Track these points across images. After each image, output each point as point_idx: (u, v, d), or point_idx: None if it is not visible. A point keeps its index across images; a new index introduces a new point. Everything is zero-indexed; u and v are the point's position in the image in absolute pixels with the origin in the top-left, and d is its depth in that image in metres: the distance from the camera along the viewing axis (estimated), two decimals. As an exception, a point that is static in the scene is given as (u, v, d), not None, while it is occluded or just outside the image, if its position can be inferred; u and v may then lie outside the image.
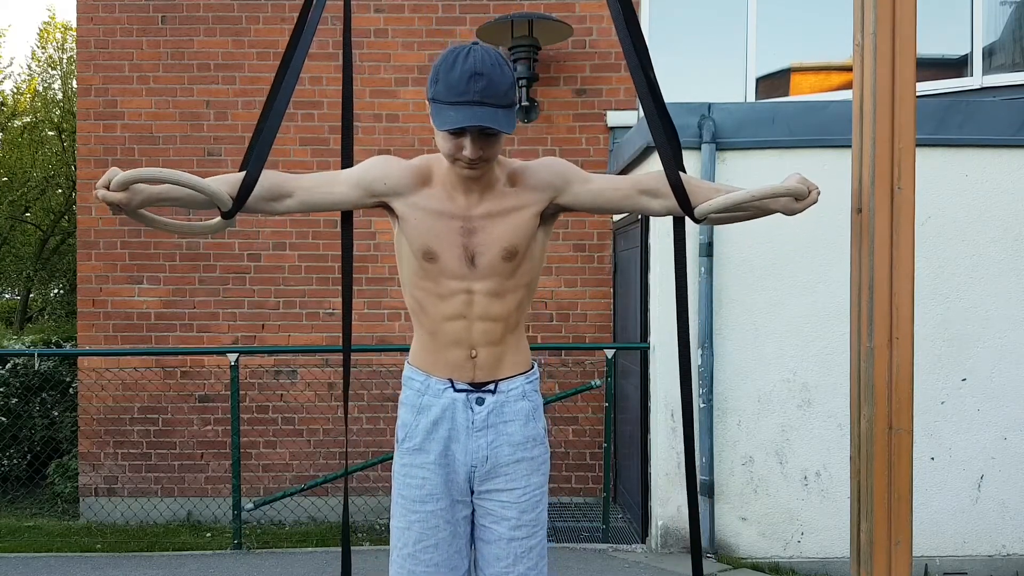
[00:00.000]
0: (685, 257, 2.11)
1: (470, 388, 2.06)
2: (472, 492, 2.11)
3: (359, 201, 2.04)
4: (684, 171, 2.10)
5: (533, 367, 2.18)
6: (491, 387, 2.07)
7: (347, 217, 2.14)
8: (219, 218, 2.00)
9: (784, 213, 2.01)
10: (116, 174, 1.84)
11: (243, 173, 1.99)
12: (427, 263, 2.01)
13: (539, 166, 2.09)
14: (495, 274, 2.02)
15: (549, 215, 2.09)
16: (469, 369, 2.06)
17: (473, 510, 2.13)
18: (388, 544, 2.15)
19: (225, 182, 1.97)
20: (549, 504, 2.21)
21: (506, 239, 2.01)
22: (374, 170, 2.03)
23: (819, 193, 1.95)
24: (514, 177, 2.05)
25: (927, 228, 4.42)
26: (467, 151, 1.88)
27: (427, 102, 1.92)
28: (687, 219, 2.07)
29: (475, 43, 1.90)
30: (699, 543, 2.15)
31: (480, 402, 2.06)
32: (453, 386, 2.06)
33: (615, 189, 2.11)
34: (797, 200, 1.95)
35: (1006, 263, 4.52)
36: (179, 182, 1.88)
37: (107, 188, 1.87)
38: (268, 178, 2.00)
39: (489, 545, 2.11)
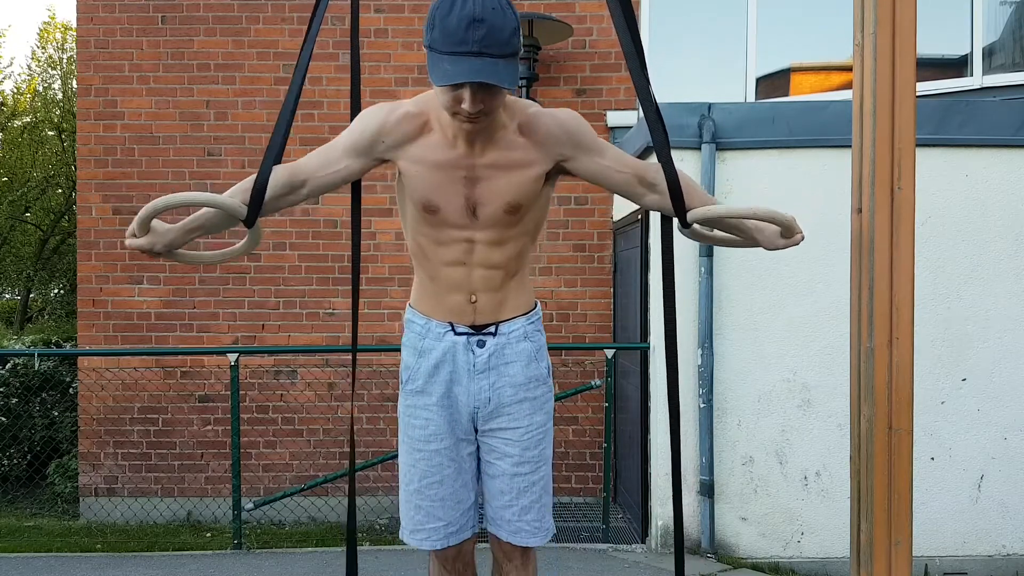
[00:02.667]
0: (673, 255, 2.09)
1: (470, 331, 2.05)
2: (476, 431, 2.12)
3: (365, 167, 1.99)
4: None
5: (535, 307, 2.15)
6: (492, 329, 2.06)
7: (356, 201, 2.10)
8: (247, 238, 1.96)
9: (766, 246, 2.02)
10: (132, 225, 1.88)
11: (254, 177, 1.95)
12: (428, 214, 1.97)
13: (554, 124, 1.96)
14: (497, 225, 1.98)
15: (554, 173, 2.04)
16: (469, 313, 2.04)
17: (478, 446, 2.15)
18: (389, 544, 2.16)
19: (240, 191, 1.94)
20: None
21: (510, 194, 1.95)
22: (369, 131, 1.94)
23: (803, 239, 1.99)
24: (526, 127, 1.94)
25: (927, 228, 4.42)
26: (466, 104, 1.77)
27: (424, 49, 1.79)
28: (674, 222, 2.04)
29: None
30: (682, 542, 2.17)
31: (481, 344, 2.05)
32: (454, 329, 2.05)
33: (619, 171, 2.02)
34: (784, 236, 1.98)
35: (1006, 263, 4.51)
36: (192, 202, 1.87)
37: (135, 235, 1.89)
38: (278, 174, 1.95)
39: (494, 480, 2.13)
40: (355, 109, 2.07)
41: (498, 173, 1.92)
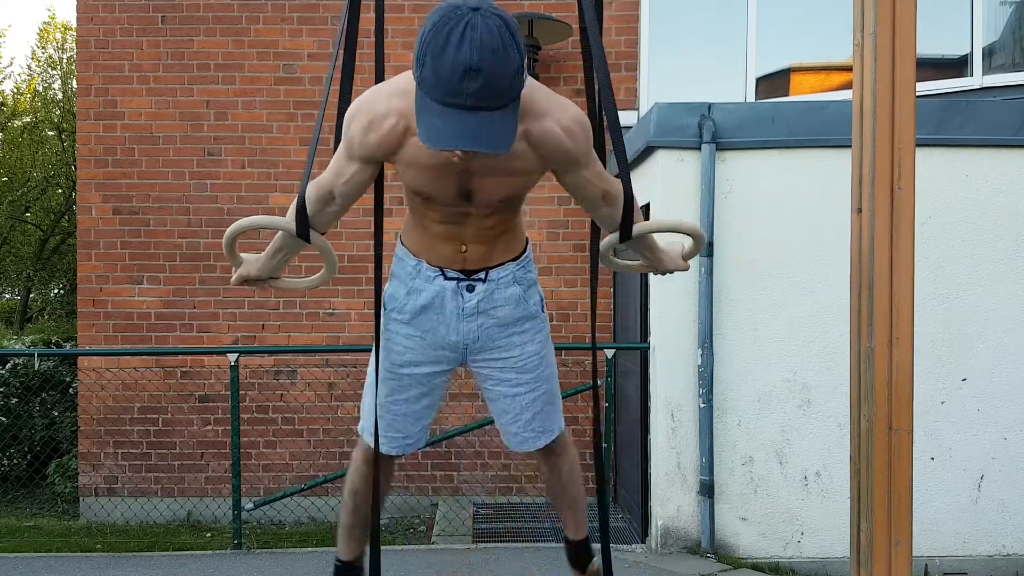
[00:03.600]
0: (598, 263, 2.17)
1: (460, 276, 2.05)
2: (464, 362, 2.17)
3: (371, 171, 1.93)
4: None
5: (526, 248, 2.15)
6: (481, 275, 2.06)
7: (379, 199, 2.08)
8: (325, 263, 2.04)
9: (660, 269, 2.11)
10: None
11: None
12: (422, 199, 1.97)
13: (561, 147, 1.81)
14: (490, 206, 1.96)
15: None
16: (459, 261, 2.05)
17: (475, 374, 2.21)
18: (389, 544, 2.17)
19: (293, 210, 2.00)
20: (549, 503, 2.26)
21: (507, 192, 1.93)
22: (356, 144, 1.86)
23: (687, 269, 2.13)
24: (534, 139, 1.77)
25: (927, 228, 4.41)
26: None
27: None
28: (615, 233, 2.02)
29: (477, 8, 1.51)
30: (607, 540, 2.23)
31: (470, 289, 2.06)
32: (443, 274, 2.05)
33: (593, 184, 1.94)
34: (685, 256, 2.09)
35: (1006, 263, 4.51)
36: (254, 225, 1.98)
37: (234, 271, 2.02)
38: (310, 190, 1.96)
39: (495, 403, 2.21)
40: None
41: (494, 172, 1.84)
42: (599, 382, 5.25)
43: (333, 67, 1.96)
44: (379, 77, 2.08)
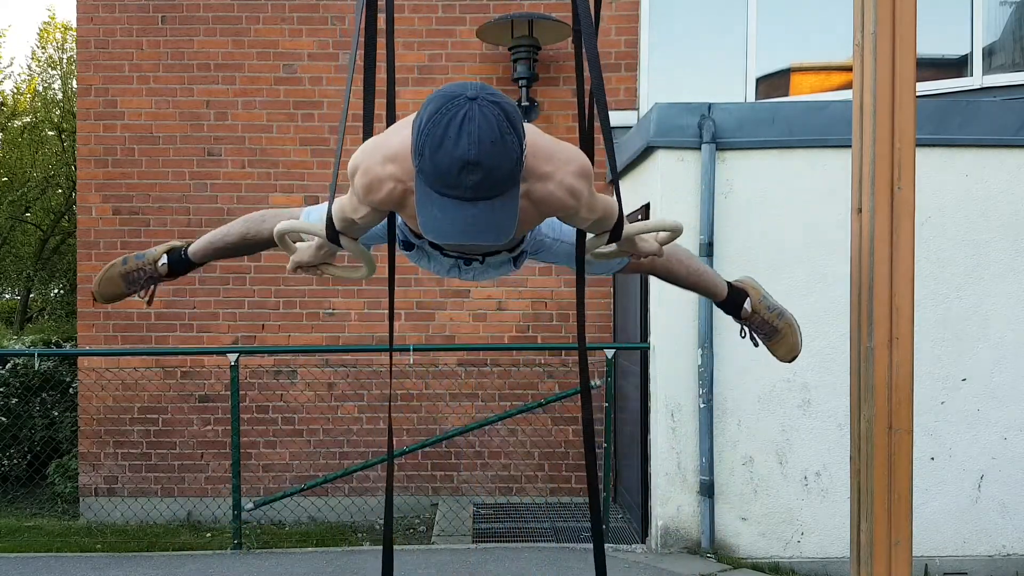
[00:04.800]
0: (584, 268, 2.07)
1: (460, 255, 2.09)
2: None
3: (387, 213, 1.92)
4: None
5: (523, 238, 2.09)
6: (479, 258, 2.10)
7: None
8: (363, 267, 2.05)
9: (635, 252, 1.97)
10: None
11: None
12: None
13: (564, 200, 1.71)
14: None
15: None
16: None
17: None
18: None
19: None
20: (549, 503, 2.24)
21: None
22: (372, 201, 1.77)
23: (660, 255, 1.99)
24: (537, 199, 1.70)
25: (927, 228, 4.42)
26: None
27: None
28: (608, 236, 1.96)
29: (475, 98, 1.46)
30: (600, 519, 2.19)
31: (467, 262, 2.10)
32: (442, 251, 2.08)
33: (585, 222, 1.86)
34: (660, 243, 1.97)
35: (1006, 263, 4.51)
36: (296, 229, 1.96)
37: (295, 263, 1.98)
38: (338, 210, 1.88)
39: (540, 244, 2.17)
40: (390, 116, 2.06)
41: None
42: (598, 382, 5.26)
43: (352, 70, 1.95)
44: (390, 81, 2.07)
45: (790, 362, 2.49)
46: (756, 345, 2.59)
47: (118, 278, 2.37)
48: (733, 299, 2.51)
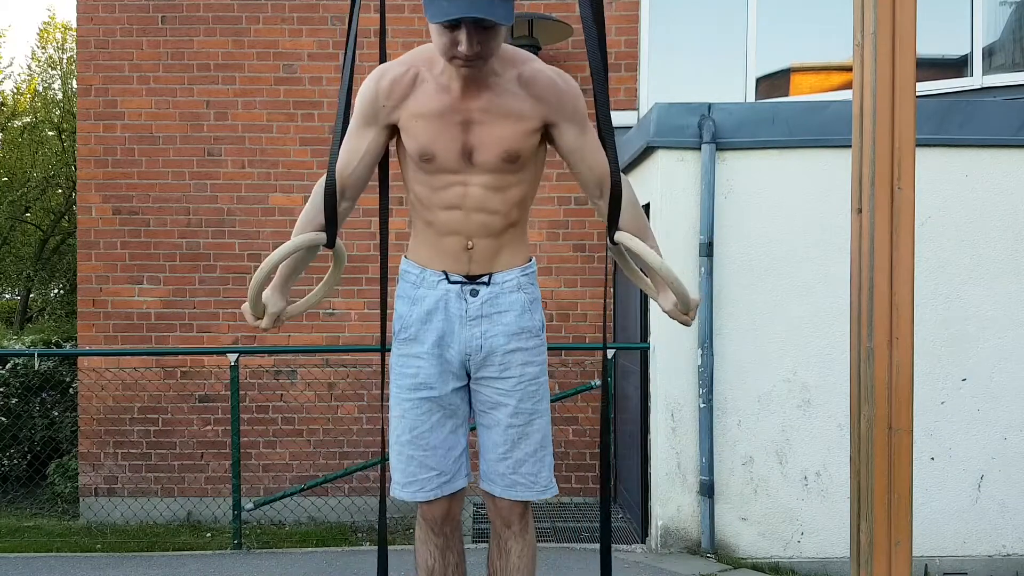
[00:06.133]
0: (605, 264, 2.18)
1: (464, 280, 2.06)
2: (470, 378, 2.14)
3: (383, 138, 2.02)
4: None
5: (531, 261, 2.16)
6: (485, 279, 2.07)
7: (384, 195, 2.12)
8: (333, 263, 2.04)
9: (662, 305, 2.12)
10: (247, 313, 2.01)
11: (310, 203, 2.01)
12: (424, 163, 2.00)
13: (553, 86, 2.01)
14: (494, 171, 2.00)
15: (544, 135, 2.07)
16: (464, 261, 2.06)
17: (472, 397, 2.17)
18: (389, 544, 2.16)
19: (306, 223, 2.00)
20: (548, 503, 2.24)
21: (507, 143, 1.97)
22: (367, 101, 2.00)
23: (690, 324, 2.13)
24: (525, 80, 1.98)
25: (927, 228, 4.42)
26: (463, 47, 1.80)
27: None
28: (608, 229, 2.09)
29: None
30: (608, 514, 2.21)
31: (474, 294, 2.07)
32: (447, 278, 2.06)
33: (586, 165, 2.06)
34: (680, 310, 2.08)
35: (1006, 263, 4.51)
36: (279, 260, 1.95)
37: (257, 319, 2.05)
38: (320, 192, 2.01)
39: (488, 431, 2.16)
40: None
41: (493, 119, 1.95)
42: (599, 382, 5.26)
43: (345, 68, 2.00)
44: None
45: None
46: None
47: None
48: None
